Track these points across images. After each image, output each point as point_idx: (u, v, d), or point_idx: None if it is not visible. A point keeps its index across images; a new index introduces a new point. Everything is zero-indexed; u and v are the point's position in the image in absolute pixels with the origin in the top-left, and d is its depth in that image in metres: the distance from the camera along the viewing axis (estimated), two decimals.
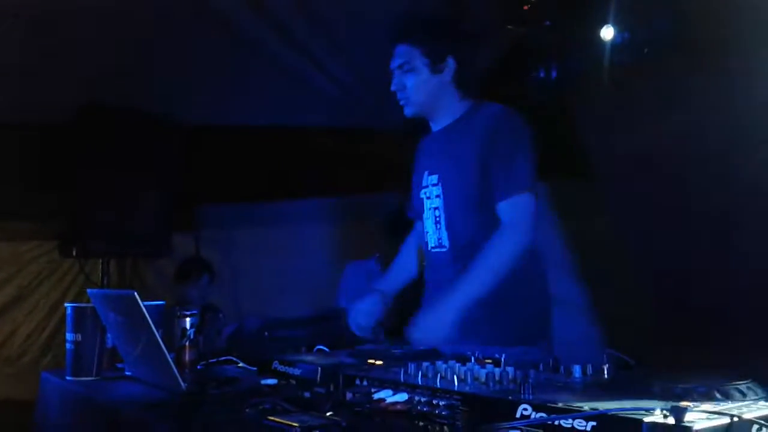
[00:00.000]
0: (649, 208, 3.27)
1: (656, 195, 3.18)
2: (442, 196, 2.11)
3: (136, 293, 1.66)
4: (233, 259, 5.41)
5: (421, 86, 2.07)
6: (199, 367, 2.08)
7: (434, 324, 1.92)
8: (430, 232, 2.17)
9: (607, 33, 2.93)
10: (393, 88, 2.12)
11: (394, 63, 2.11)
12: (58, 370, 2.19)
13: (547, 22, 3.36)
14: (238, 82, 4.16)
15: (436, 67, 2.07)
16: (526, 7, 3.25)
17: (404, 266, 2.36)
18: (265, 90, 4.29)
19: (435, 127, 2.21)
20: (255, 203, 5.42)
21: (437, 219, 2.14)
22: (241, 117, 4.67)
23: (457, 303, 1.93)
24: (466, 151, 2.06)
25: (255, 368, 1.94)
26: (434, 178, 2.14)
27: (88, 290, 1.95)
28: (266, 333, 2.25)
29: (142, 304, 1.65)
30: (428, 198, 2.18)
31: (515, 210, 1.99)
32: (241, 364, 2.10)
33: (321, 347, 1.91)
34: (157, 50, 3.65)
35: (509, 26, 3.55)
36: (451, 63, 2.08)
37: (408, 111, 2.14)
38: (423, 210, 2.20)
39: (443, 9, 2.29)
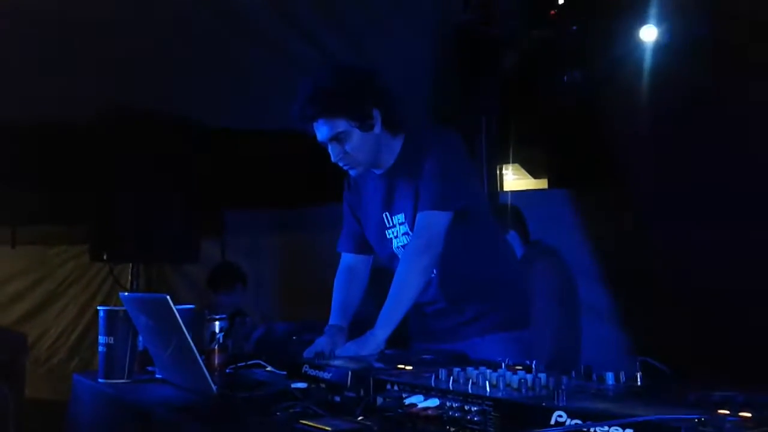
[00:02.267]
0: (681, 212, 3.23)
1: (688, 198, 3.14)
2: (409, 234, 2.15)
3: (168, 297, 1.68)
4: (259, 265, 5.45)
5: (359, 148, 2.07)
6: (228, 370, 2.10)
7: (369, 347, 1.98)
8: None
9: (649, 33, 2.90)
10: (333, 159, 2.10)
11: (323, 136, 2.06)
12: (90, 371, 2.22)
13: (574, 27, 3.34)
14: (269, 85, 4.20)
15: (365, 125, 2.05)
16: (552, 13, 3.23)
17: (352, 300, 2.35)
18: (293, 95, 4.32)
19: (377, 171, 2.21)
20: (280, 209, 5.47)
21: None
22: (268, 122, 4.71)
23: (386, 331, 2.01)
24: (413, 186, 2.11)
25: (284, 372, 1.96)
26: (401, 217, 2.17)
27: (120, 294, 1.98)
28: (294, 337, 2.26)
29: (174, 308, 1.67)
30: (396, 237, 2.21)
31: (421, 223, 2.05)
32: (269, 368, 2.11)
33: None
34: (186, 54, 3.71)
35: (535, 31, 3.55)
36: (376, 114, 2.07)
37: (354, 172, 2.16)
38: (382, 248, 2.25)
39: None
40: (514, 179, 6.71)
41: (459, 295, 2.18)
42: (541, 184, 7.30)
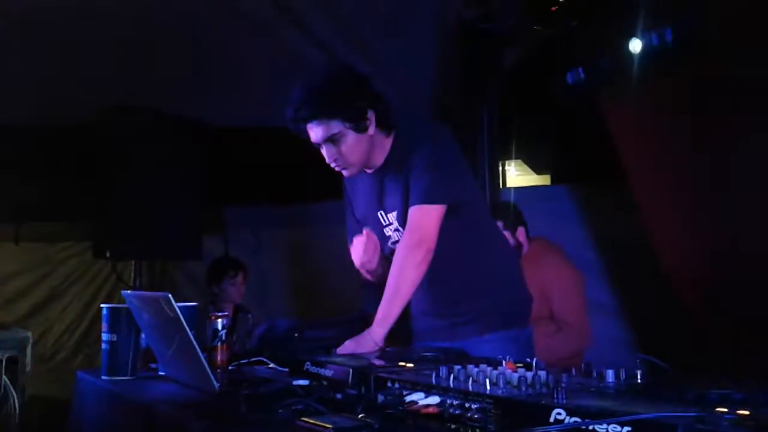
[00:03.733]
0: (687, 209, 3.23)
1: (694, 195, 3.14)
2: (401, 231, 2.16)
3: (170, 295, 1.69)
4: (261, 261, 5.45)
5: (354, 148, 2.07)
6: (230, 367, 2.12)
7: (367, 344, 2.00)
8: None
9: (635, 46, 2.92)
10: (328, 160, 2.10)
11: (318, 137, 2.05)
12: (93, 369, 2.23)
13: (574, 23, 3.34)
14: (269, 83, 4.20)
15: (360, 126, 2.05)
16: (553, 9, 3.23)
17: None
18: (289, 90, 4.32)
19: (369, 170, 2.22)
20: (283, 205, 5.47)
21: None
22: (270, 118, 4.71)
23: (383, 328, 2.02)
24: (402, 182, 2.11)
25: (286, 369, 1.97)
26: (393, 216, 2.18)
27: (123, 292, 1.99)
28: (296, 334, 2.27)
29: (176, 306, 1.68)
30: (387, 236, 2.22)
31: (413, 218, 2.05)
32: (271, 365, 2.13)
33: None
34: (183, 52, 3.71)
35: (536, 27, 3.55)
36: (371, 115, 2.08)
37: (348, 173, 2.16)
38: (384, 244, 2.25)
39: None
40: (517, 175, 6.71)
41: (456, 293, 2.18)
42: (544, 180, 7.30)
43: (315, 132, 2.05)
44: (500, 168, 4.15)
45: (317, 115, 2.02)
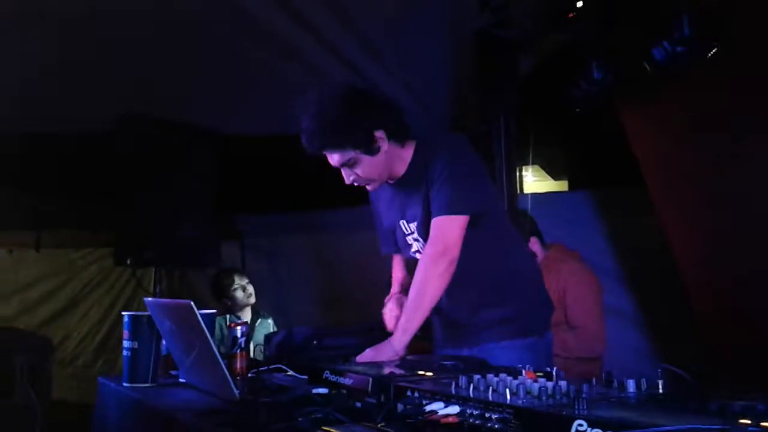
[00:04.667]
0: (705, 216, 3.20)
1: (710, 203, 3.11)
2: (421, 240, 2.18)
3: (192, 303, 1.71)
4: (278, 268, 5.48)
5: (370, 169, 2.11)
6: (250, 374, 2.13)
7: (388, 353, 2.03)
8: None
9: (652, 53, 2.91)
10: (348, 181, 2.14)
11: (334, 162, 2.09)
12: (115, 375, 2.25)
13: (591, 31, 3.32)
14: (282, 90, 4.22)
15: (371, 149, 2.07)
16: (570, 15, 3.22)
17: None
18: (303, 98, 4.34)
19: (391, 180, 2.23)
20: (300, 211, 5.49)
21: None
22: (286, 126, 4.73)
23: (405, 337, 2.04)
24: (423, 193, 2.13)
25: (305, 377, 1.98)
26: (413, 226, 2.20)
27: (145, 299, 2.01)
28: (315, 342, 2.28)
29: (198, 314, 1.70)
30: (410, 244, 2.25)
31: (436, 228, 2.07)
32: (290, 372, 2.13)
33: None
34: (204, 62, 3.74)
35: (553, 34, 3.54)
36: (381, 135, 2.09)
37: (370, 187, 2.21)
38: (406, 251, 2.30)
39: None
40: (534, 181, 6.68)
41: (476, 302, 2.19)
42: (561, 186, 7.27)
43: (331, 158, 2.10)
44: (517, 174, 4.13)
45: (327, 146, 2.06)
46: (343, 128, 2.02)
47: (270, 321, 4.25)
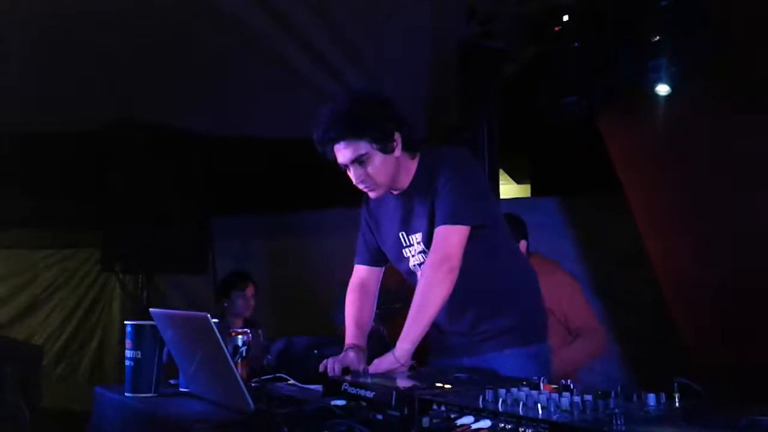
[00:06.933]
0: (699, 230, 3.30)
1: (705, 215, 3.21)
2: (425, 252, 2.20)
3: (209, 315, 1.70)
4: (250, 271, 5.42)
5: (381, 170, 2.12)
6: (252, 384, 2.13)
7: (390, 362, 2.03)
8: None
9: (635, 66, 3.01)
10: (355, 181, 2.15)
11: (345, 158, 2.09)
12: (113, 385, 2.22)
13: (576, 44, 3.41)
14: (259, 94, 4.21)
15: (387, 147, 2.10)
16: (557, 29, 3.30)
17: (365, 319, 2.36)
18: (284, 101, 4.34)
19: (395, 191, 2.26)
20: (271, 214, 5.46)
21: None
22: (259, 128, 4.71)
23: (407, 347, 2.04)
24: (428, 205, 2.16)
25: (311, 386, 1.99)
26: (418, 237, 2.22)
27: (151, 309, 1.99)
28: (315, 351, 2.29)
29: (215, 327, 1.69)
30: (413, 255, 2.26)
31: (439, 238, 2.10)
32: (291, 381, 2.14)
33: None
34: (173, 62, 3.70)
35: (537, 47, 3.62)
36: (398, 137, 2.13)
37: (375, 194, 2.20)
38: (400, 264, 2.31)
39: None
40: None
41: (477, 312, 2.23)
42: (524, 191, 7.41)
43: (342, 153, 2.09)
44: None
45: (345, 135, 2.06)
46: (365, 119, 2.07)
47: (260, 332, 4.20)
